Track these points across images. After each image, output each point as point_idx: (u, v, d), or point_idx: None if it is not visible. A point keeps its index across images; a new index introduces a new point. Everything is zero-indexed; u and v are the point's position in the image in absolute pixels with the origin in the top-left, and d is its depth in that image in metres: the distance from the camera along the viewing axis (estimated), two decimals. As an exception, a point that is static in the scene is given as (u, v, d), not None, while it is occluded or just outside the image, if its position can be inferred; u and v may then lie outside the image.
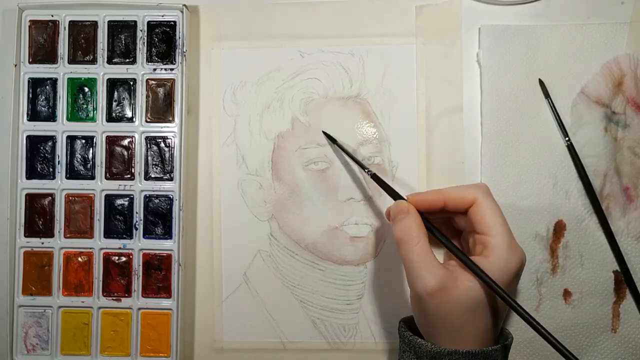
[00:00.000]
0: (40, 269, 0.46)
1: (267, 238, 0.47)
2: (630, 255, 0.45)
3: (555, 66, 0.46)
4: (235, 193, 0.47)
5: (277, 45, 0.48)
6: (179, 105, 0.46)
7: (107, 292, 0.46)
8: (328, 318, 0.47)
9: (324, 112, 0.47)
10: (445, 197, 0.37)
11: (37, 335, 0.46)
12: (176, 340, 0.45)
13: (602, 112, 0.46)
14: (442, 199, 0.37)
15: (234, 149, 0.47)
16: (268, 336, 0.47)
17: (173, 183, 0.46)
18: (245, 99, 0.48)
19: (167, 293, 0.46)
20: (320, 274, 0.47)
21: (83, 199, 0.47)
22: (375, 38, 0.47)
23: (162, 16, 0.47)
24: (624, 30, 0.46)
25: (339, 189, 0.46)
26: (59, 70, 0.47)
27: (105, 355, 0.46)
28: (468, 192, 0.36)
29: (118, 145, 0.47)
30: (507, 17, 0.47)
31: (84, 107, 0.47)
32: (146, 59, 0.47)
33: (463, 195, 0.37)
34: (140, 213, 0.46)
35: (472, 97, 0.47)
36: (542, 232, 0.46)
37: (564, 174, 0.46)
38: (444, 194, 0.37)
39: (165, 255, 0.46)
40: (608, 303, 0.45)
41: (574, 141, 0.46)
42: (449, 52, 0.47)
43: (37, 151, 0.47)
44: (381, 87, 0.47)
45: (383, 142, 0.47)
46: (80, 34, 0.47)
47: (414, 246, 0.35)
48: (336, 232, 0.46)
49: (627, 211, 0.45)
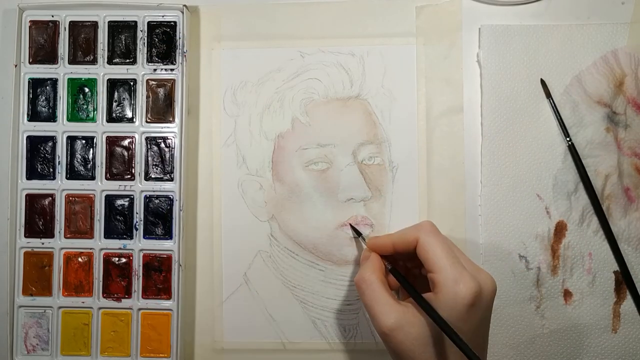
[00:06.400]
0: (40, 269, 0.46)
1: (268, 238, 0.47)
2: (630, 256, 0.45)
3: (556, 66, 0.46)
4: (235, 193, 0.47)
5: (278, 46, 0.48)
6: (179, 105, 0.46)
7: (107, 293, 0.46)
8: (328, 318, 0.47)
9: (325, 112, 0.47)
10: (393, 241, 0.40)
11: (37, 335, 0.46)
12: (176, 340, 0.45)
13: (603, 113, 0.46)
14: (391, 243, 0.40)
15: (234, 149, 0.47)
16: (268, 336, 0.47)
17: (173, 183, 0.46)
18: (246, 99, 0.48)
19: (167, 294, 0.46)
20: (321, 274, 0.47)
21: (83, 200, 0.47)
22: (375, 38, 0.47)
23: (163, 16, 0.47)
24: (624, 31, 0.46)
25: (339, 190, 0.46)
26: (59, 71, 0.47)
27: (105, 355, 0.46)
28: (409, 235, 0.39)
29: (118, 145, 0.47)
30: (507, 17, 0.47)
31: (84, 108, 0.47)
32: (146, 60, 0.47)
33: (405, 238, 0.39)
34: (140, 213, 0.46)
35: (472, 97, 0.47)
36: (542, 232, 0.46)
37: (564, 174, 0.46)
38: (391, 238, 0.40)
39: (166, 257, 0.46)
40: (608, 303, 0.45)
41: (575, 142, 0.45)
42: (450, 52, 0.47)
43: (38, 151, 0.47)
44: (381, 88, 0.47)
45: (383, 143, 0.47)
46: (80, 34, 0.47)
47: (366, 289, 0.37)
48: (336, 233, 0.46)
49: (627, 212, 0.45)
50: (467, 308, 0.35)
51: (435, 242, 0.37)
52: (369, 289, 0.37)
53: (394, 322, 0.35)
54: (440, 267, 0.36)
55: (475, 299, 0.35)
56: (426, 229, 0.38)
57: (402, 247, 0.39)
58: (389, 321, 0.35)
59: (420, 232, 0.38)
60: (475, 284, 0.35)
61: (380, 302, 0.36)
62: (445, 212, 0.46)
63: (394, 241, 0.40)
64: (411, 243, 0.38)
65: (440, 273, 0.36)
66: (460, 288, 0.35)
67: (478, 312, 0.35)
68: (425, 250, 0.37)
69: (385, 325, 0.35)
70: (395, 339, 0.35)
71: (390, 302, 0.36)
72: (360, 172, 0.46)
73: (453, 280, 0.35)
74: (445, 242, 0.37)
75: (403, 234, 0.39)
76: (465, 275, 0.35)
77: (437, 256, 0.36)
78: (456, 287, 0.35)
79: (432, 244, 0.37)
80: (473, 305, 0.35)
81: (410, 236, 0.38)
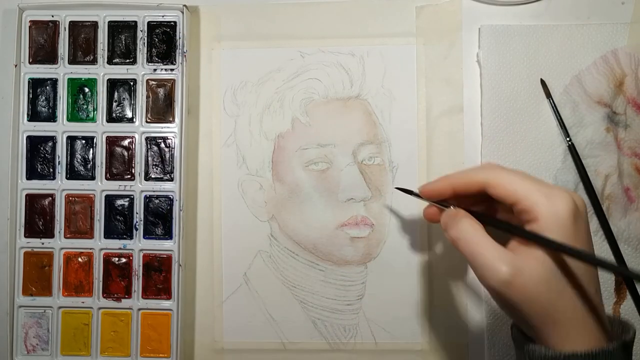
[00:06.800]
0: (40, 269, 0.46)
1: (268, 238, 0.47)
2: (630, 256, 0.45)
3: (556, 66, 0.46)
4: (235, 193, 0.47)
5: (278, 46, 0.48)
6: (179, 105, 0.46)
7: (107, 293, 0.46)
8: (328, 318, 0.47)
9: (325, 112, 0.47)
10: (452, 185, 0.36)
11: (37, 335, 0.46)
12: (176, 340, 0.45)
13: (603, 113, 0.46)
14: (450, 186, 0.36)
15: (234, 149, 0.47)
16: (268, 336, 0.47)
17: (173, 183, 0.46)
18: (246, 99, 0.48)
19: (167, 294, 0.46)
20: (321, 274, 0.47)
21: (83, 200, 0.47)
22: (375, 38, 0.47)
23: (163, 16, 0.47)
24: (624, 31, 0.46)
25: (339, 190, 0.46)
26: (59, 71, 0.47)
27: (105, 355, 0.46)
28: (475, 176, 0.35)
29: (118, 145, 0.47)
30: (507, 17, 0.47)
31: (84, 108, 0.47)
32: (146, 60, 0.47)
33: (470, 179, 0.35)
34: (140, 213, 0.46)
35: (472, 98, 0.47)
36: (542, 232, 0.46)
37: (564, 174, 0.46)
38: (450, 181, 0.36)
39: (166, 257, 0.46)
40: (609, 304, 0.45)
41: (575, 141, 0.45)
42: (450, 53, 0.47)
43: (37, 151, 0.47)
44: (381, 88, 0.47)
45: (383, 143, 0.47)
46: (80, 34, 0.47)
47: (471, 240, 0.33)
48: (336, 233, 0.46)
49: (627, 212, 0.45)
50: (572, 222, 0.31)
51: (507, 174, 0.33)
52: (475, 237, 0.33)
53: (510, 268, 0.31)
54: (527, 191, 0.32)
55: (575, 209, 0.31)
56: (493, 166, 0.35)
57: (464, 189, 0.35)
58: (505, 267, 0.31)
59: (488, 170, 0.34)
60: (567, 194, 0.32)
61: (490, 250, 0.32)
62: (445, 212, 0.46)
63: (454, 184, 0.36)
64: (477, 184, 0.34)
65: (529, 198, 0.32)
66: (557, 203, 0.31)
67: (582, 224, 0.32)
68: (502, 185, 0.33)
69: (502, 272, 0.31)
70: (516, 286, 0.31)
71: (500, 248, 0.32)
72: (360, 172, 0.46)
73: (547, 199, 0.31)
74: (517, 171, 0.34)
75: (466, 176, 0.35)
76: (554, 189, 0.32)
77: (518, 184, 0.33)
78: (553, 204, 0.31)
79: (505, 177, 0.33)
80: (577, 217, 0.31)
81: (476, 177, 0.34)
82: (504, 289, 0.31)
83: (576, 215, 0.31)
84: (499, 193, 0.33)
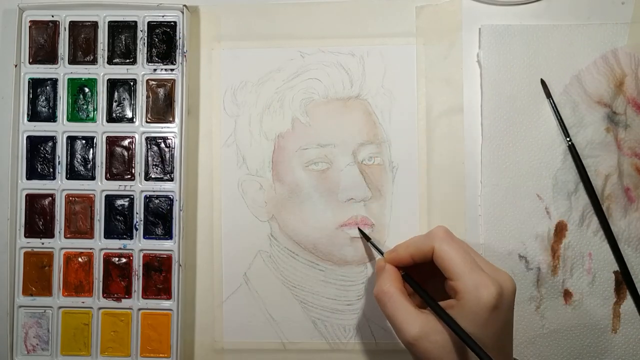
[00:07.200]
0: (40, 269, 0.46)
1: (268, 238, 0.47)
2: (630, 256, 0.45)
3: (556, 66, 0.46)
4: (235, 193, 0.47)
5: (278, 46, 0.48)
6: (179, 105, 0.46)
7: (107, 293, 0.46)
8: (328, 318, 0.47)
9: (325, 112, 0.47)
10: (411, 254, 0.39)
11: (37, 335, 0.46)
12: (176, 340, 0.45)
13: (603, 113, 0.46)
14: (409, 256, 0.39)
15: (234, 149, 0.47)
16: (268, 337, 0.47)
17: (173, 183, 0.46)
18: (246, 99, 0.48)
19: (167, 294, 0.46)
20: (321, 274, 0.47)
21: (83, 200, 0.47)
22: (375, 38, 0.47)
23: (163, 16, 0.47)
24: (624, 31, 0.46)
25: (339, 190, 0.46)
26: (59, 71, 0.47)
27: (105, 355, 0.46)
28: (424, 245, 0.38)
29: (118, 145, 0.47)
30: (507, 17, 0.47)
31: (84, 108, 0.47)
32: (146, 60, 0.47)
33: (421, 248, 0.38)
34: (140, 213, 0.46)
35: (472, 98, 0.47)
36: (543, 232, 0.46)
37: (564, 174, 0.46)
38: (409, 251, 0.39)
39: (166, 257, 0.46)
40: (608, 304, 0.45)
41: (575, 142, 0.45)
42: (450, 53, 0.47)
43: (38, 151, 0.47)
44: (381, 88, 0.47)
45: (383, 143, 0.47)
46: (80, 34, 0.47)
47: (387, 301, 0.37)
48: (336, 233, 0.46)
49: (627, 212, 0.45)
50: (490, 312, 0.34)
51: (450, 249, 0.36)
52: (390, 300, 0.37)
53: (418, 331, 0.35)
54: (459, 274, 0.35)
55: (497, 301, 0.34)
56: (440, 237, 0.37)
57: (420, 258, 0.38)
58: (414, 330, 0.35)
59: (435, 240, 0.37)
60: (496, 287, 0.35)
61: (403, 312, 0.36)
62: (445, 213, 0.46)
63: (411, 253, 0.39)
64: (428, 252, 0.38)
65: (460, 280, 0.35)
66: (482, 293, 0.34)
67: (501, 313, 0.35)
68: (442, 259, 0.36)
69: (410, 334, 0.35)
70: (421, 347, 0.35)
71: (413, 311, 0.36)
72: (360, 172, 0.46)
73: (474, 286, 0.34)
74: (461, 247, 0.37)
75: (419, 245, 0.38)
76: (485, 279, 0.35)
77: (455, 263, 0.36)
78: (478, 292, 0.34)
79: (448, 251, 0.36)
80: (496, 308, 0.34)
81: (425, 246, 0.38)
82: (411, 347, 0.36)
83: (496, 306, 0.34)
84: (439, 264, 0.37)
